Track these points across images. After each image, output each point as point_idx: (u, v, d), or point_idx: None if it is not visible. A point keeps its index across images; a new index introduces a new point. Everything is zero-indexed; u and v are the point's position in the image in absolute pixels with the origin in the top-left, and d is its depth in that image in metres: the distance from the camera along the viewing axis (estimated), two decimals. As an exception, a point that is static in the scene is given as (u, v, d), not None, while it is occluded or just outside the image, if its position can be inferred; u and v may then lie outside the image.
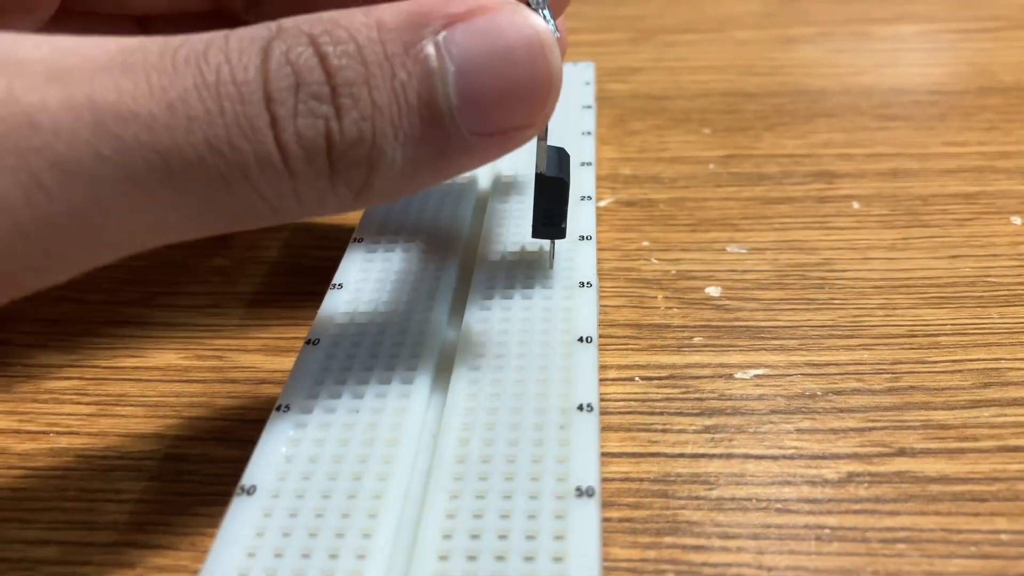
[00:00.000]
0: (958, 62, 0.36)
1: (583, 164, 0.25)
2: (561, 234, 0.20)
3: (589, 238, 0.22)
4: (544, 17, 0.15)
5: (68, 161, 0.12)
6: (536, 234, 0.20)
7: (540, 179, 0.19)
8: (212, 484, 0.18)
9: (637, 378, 0.20)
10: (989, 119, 0.31)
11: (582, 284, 0.20)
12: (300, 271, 0.24)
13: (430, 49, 0.14)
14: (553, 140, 0.20)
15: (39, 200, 0.12)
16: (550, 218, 0.20)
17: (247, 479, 0.15)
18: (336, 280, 0.21)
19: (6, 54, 0.12)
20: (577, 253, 0.21)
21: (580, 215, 0.22)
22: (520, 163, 0.25)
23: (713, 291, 0.23)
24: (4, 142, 0.12)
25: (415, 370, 0.18)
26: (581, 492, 0.15)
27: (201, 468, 0.18)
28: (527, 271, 0.21)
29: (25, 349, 0.22)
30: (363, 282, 0.21)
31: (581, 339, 0.18)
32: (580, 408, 0.17)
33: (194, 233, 0.14)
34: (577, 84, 0.30)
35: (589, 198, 0.23)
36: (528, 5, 0.16)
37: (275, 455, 0.16)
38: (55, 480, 0.18)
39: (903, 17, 0.41)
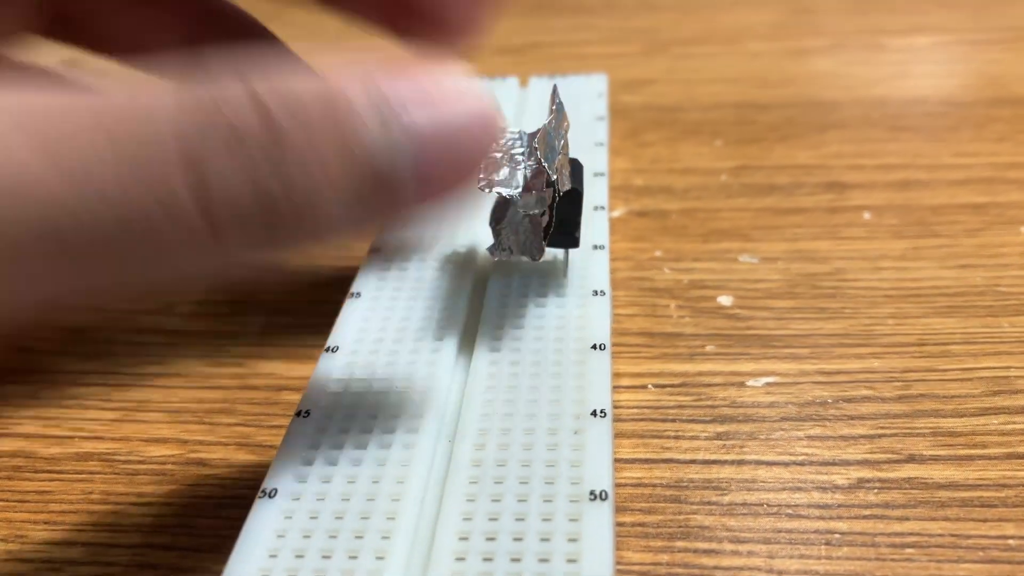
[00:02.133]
0: (970, 73, 0.36)
1: (596, 175, 0.25)
2: (575, 243, 0.20)
3: (602, 247, 0.22)
4: None
5: None
6: (550, 243, 0.20)
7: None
8: (233, 488, 0.18)
9: (650, 386, 0.20)
10: (1000, 130, 0.31)
11: (595, 293, 0.20)
12: (319, 280, 0.25)
13: (380, 116, 0.13)
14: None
15: None
16: (564, 227, 0.20)
17: (269, 483, 0.16)
18: (354, 289, 0.21)
19: None
20: (591, 262, 0.21)
21: (593, 225, 0.23)
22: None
23: (725, 300, 0.23)
24: None
25: (432, 377, 0.18)
26: (595, 496, 0.15)
27: (222, 472, 0.19)
28: (541, 280, 0.21)
29: (49, 356, 0.22)
30: (380, 290, 0.21)
31: (595, 346, 0.19)
32: (594, 414, 0.17)
33: (110, 298, 0.13)
34: (590, 96, 0.31)
35: (602, 208, 0.24)
36: None
37: (296, 459, 0.16)
38: (80, 483, 0.19)
39: (915, 28, 0.41)
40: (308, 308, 0.23)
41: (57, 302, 0.13)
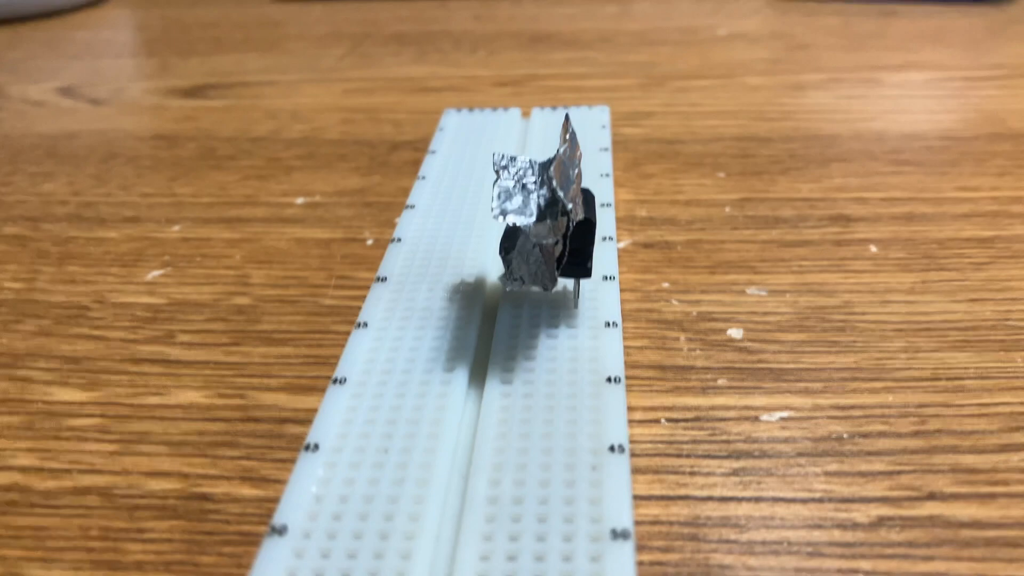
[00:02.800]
0: (967, 109, 0.36)
1: (603, 205, 0.25)
2: (587, 273, 0.20)
3: (613, 278, 0.22)
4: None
5: None
6: (563, 273, 0.20)
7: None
8: (238, 523, 0.18)
9: (663, 420, 0.20)
10: (1001, 164, 0.31)
11: (608, 324, 0.20)
12: (320, 310, 0.24)
13: None
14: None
15: None
16: (577, 257, 0.20)
17: (277, 519, 0.15)
18: (361, 319, 0.21)
19: None
20: (601, 293, 0.21)
21: (603, 255, 0.22)
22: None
23: (735, 333, 0.23)
24: None
25: (443, 409, 0.18)
26: (616, 534, 0.15)
27: (226, 507, 0.18)
28: (551, 310, 0.21)
29: (46, 387, 0.22)
30: (387, 321, 0.21)
31: (609, 379, 0.18)
32: (611, 449, 0.16)
33: None
34: (594, 127, 0.31)
35: (611, 239, 0.23)
36: None
37: (305, 495, 0.16)
38: (78, 519, 0.18)
39: (910, 65, 0.42)
40: (310, 339, 0.23)
41: None
